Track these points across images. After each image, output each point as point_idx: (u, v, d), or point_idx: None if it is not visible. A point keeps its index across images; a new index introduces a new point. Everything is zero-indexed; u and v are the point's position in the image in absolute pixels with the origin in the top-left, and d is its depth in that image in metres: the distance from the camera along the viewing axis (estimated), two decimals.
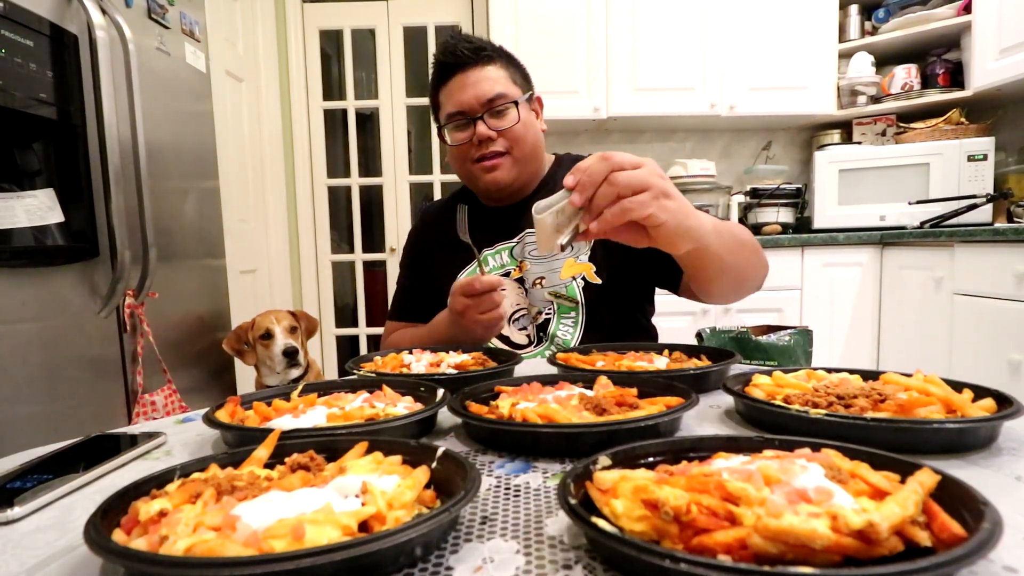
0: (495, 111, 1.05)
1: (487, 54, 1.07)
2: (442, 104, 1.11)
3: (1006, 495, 0.41)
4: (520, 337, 1.11)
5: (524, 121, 1.07)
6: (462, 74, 1.06)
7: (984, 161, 2.43)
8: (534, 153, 1.11)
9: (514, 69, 1.10)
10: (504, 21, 2.68)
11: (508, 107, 1.06)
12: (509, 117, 1.06)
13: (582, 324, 1.09)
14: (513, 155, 1.08)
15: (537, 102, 1.14)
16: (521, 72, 1.12)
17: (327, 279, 3.22)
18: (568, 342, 1.09)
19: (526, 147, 1.09)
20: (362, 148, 3.28)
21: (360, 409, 0.59)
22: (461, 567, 0.34)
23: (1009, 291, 1.83)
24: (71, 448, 0.58)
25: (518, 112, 1.06)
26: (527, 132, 1.08)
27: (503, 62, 1.09)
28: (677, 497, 0.32)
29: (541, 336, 1.11)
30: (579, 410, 0.56)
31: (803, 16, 2.74)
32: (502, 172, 1.08)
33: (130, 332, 1.50)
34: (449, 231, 1.14)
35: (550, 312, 1.10)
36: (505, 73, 1.08)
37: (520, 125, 1.07)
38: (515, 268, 1.12)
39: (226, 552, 0.31)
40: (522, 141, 1.08)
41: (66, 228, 1.30)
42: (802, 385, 0.61)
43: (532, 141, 1.10)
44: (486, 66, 1.06)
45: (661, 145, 3.17)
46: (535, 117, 1.13)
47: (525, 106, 1.08)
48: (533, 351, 1.11)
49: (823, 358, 2.44)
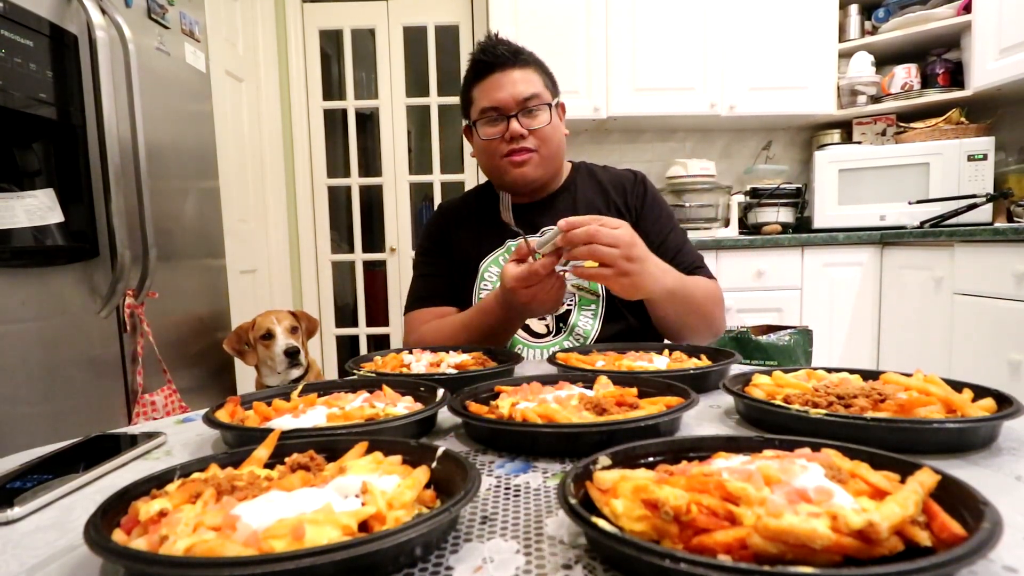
0: (528, 110, 1.11)
1: (524, 58, 1.13)
2: (475, 100, 1.15)
3: (1006, 495, 0.41)
4: (539, 327, 1.15)
5: (553, 123, 1.14)
6: (500, 73, 1.11)
7: (984, 161, 2.43)
8: (558, 154, 1.18)
9: (546, 76, 1.17)
10: (504, 21, 2.68)
11: (541, 108, 1.12)
12: (541, 118, 1.12)
13: (601, 316, 1.13)
14: (541, 153, 1.14)
15: (560, 108, 1.20)
16: (551, 79, 1.18)
17: (327, 279, 3.22)
18: (588, 333, 1.13)
19: (552, 147, 1.15)
20: (362, 148, 3.28)
21: (360, 409, 0.59)
22: (461, 567, 0.34)
23: (1009, 291, 1.83)
24: (71, 448, 0.58)
25: (550, 114, 1.13)
26: (555, 134, 1.15)
27: (537, 68, 1.15)
28: (677, 497, 0.32)
29: (560, 326, 1.15)
30: (579, 410, 0.56)
31: (803, 16, 2.74)
32: (530, 168, 1.14)
33: (130, 332, 1.50)
34: (472, 220, 1.22)
35: (571, 304, 1.14)
36: (539, 77, 1.14)
37: (550, 126, 1.13)
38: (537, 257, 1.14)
39: (226, 552, 0.31)
40: (550, 141, 1.14)
41: (66, 228, 1.30)
42: (802, 385, 0.61)
43: (558, 142, 1.16)
44: (523, 68, 1.12)
45: (661, 145, 3.17)
46: (560, 121, 1.19)
47: (555, 109, 1.15)
48: (551, 340, 1.14)
49: (823, 358, 2.44)
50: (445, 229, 1.26)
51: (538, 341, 1.15)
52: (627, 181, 1.23)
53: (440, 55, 3.09)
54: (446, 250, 1.24)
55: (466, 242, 1.22)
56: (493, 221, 1.17)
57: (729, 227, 2.78)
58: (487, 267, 1.18)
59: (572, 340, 1.13)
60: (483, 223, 1.22)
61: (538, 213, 1.18)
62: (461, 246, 1.22)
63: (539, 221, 1.17)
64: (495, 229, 1.18)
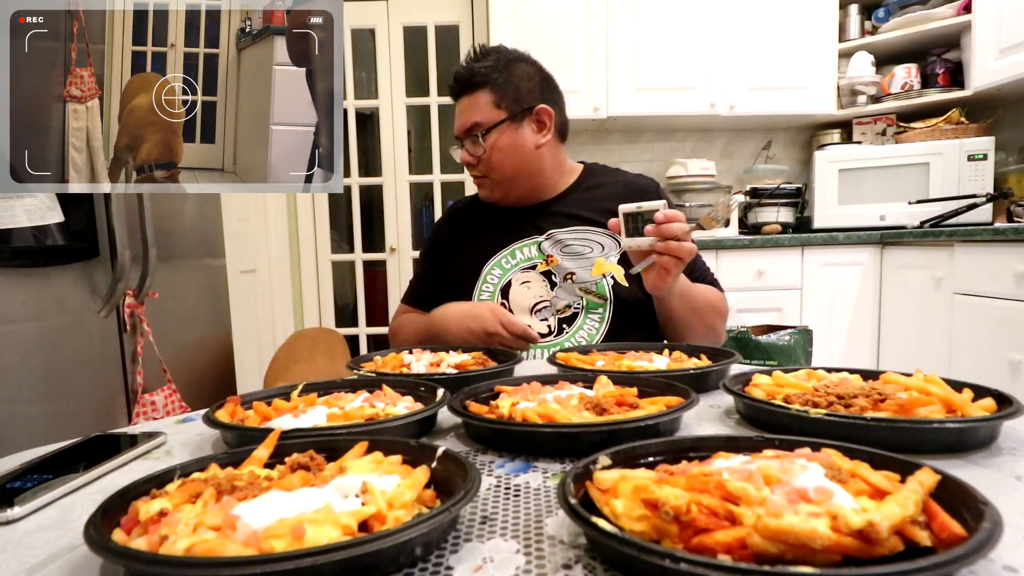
0: (471, 139, 1.14)
1: (476, 81, 1.13)
2: None
3: (1006, 495, 0.41)
4: (541, 327, 1.15)
5: (497, 147, 1.13)
6: (457, 102, 1.17)
7: (984, 161, 2.43)
8: (519, 171, 1.16)
9: (507, 89, 1.13)
10: (504, 21, 2.68)
11: (487, 134, 1.13)
12: (485, 143, 1.14)
13: (608, 320, 1.14)
14: (492, 177, 1.17)
15: (543, 114, 1.16)
16: (516, 89, 1.14)
17: (327, 279, 3.21)
18: (592, 337, 1.13)
19: (504, 170, 1.15)
20: (362, 148, 3.28)
21: (360, 409, 0.59)
22: (461, 567, 0.34)
23: (1009, 291, 1.82)
24: (71, 448, 0.58)
25: (489, 139, 1.13)
26: (503, 157, 1.14)
27: (494, 85, 1.13)
28: (677, 497, 0.32)
29: (563, 328, 1.15)
30: (579, 410, 0.56)
31: (803, 16, 2.74)
32: (485, 190, 1.21)
33: (130, 332, 1.50)
34: (477, 223, 1.24)
35: (579, 307, 1.14)
36: (492, 97, 1.13)
37: (494, 150, 1.13)
38: (542, 261, 1.16)
39: (226, 552, 0.31)
40: (497, 166, 1.15)
41: (66, 228, 1.30)
42: (802, 385, 0.61)
43: (513, 163, 1.15)
44: (475, 92, 1.13)
45: (661, 145, 3.16)
46: (528, 134, 1.15)
47: (505, 129, 1.13)
48: (552, 341, 1.15)
49: (823, 358, 2.44)
50: (448, 233, 1.28)
51: (540, 341, 1.15)
52: (650, 190, 1.22)
53: (440, 55, 3.09)
54: (443, 255, 1.26)
55: (469, 245, 1.23)
56: (497, 225, 1.20)
57: (729, 227, 2.78)
58: (489, 270, 1.19)
59: (574, 343, 1.14)
60: (487, 226, 1.23)
61: (544, 216, 1.20)
62: (464, 249, 1.23)
63: (547, 224, 1.18)
64: (498, 233, 1.20)
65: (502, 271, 1.18)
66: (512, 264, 1.17)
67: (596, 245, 1.15)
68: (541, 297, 1.16)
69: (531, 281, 1.15)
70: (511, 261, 1.18)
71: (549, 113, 1.17)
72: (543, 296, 1.16)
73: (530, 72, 1.17)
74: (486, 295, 1.17)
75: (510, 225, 1.20)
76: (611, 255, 1.14)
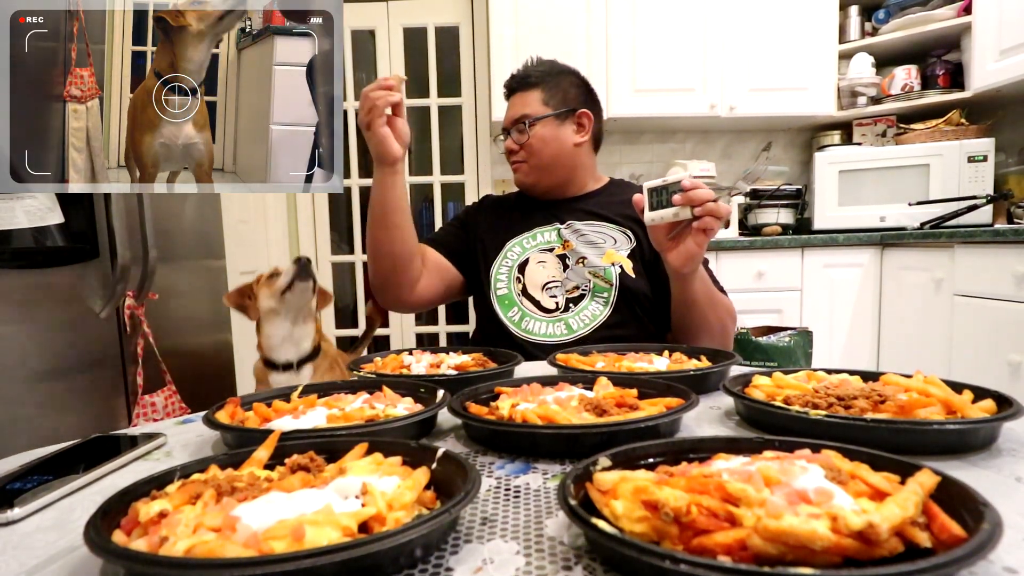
0: (518, 128, 1.28)
1: (533, 80, 1.29)
2: None
3: (1006, 496, 0.41)
4: (549, 303, 1.25)
5: (540, 136, 1.27)
6: (511, 97, 1.32)
7: (984, 162, 2.43)
8: (555, 162, 1.29)
9: (556, 91, 1.28)
10: (504, 22, 2.68)
11: (530, 125, 1.27)
12: (527, 133, 1.27)
13: (612, 304, 1.22)
14: (529, 162, 1.29)
15: (583, 117, 1.30)
16: (564, 92, 1.29)
17: (327, 280, 3.21)
18: (595, 317, 1.21)
19: (543, 157, 1.28)
20: (362, 148, 3.27)
21: (360, 410, 0.59)
22: (461, 568, 0.34)
23: (1009, 292, 1.83)
24: (71, 449, 0.58)
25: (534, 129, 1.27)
26: (543, 146, 1.28)
27: (545, 86, 1.28)
28: (677, 498, 0.32)
29: (569, 306, 1.24)
30: (579, 411, 0.56)
31: (803, 17, 2.74)
32: (521, 175, 1.33)
33: (130, 333, 1.50)
34: (507, 209, 1.38)
35: (586, 289, 1.24)
36: (542, 96, 1.28)
37: (536, 138, 1.27)
38: (560, 245, 1.28)
39: (226, 553, 0.31)
40: (537, 152, 1.28)
41: (66, 229, 1.30)
42: (802, 386, 0.61)
43: (551, 152, 1.28)
44: (528, 91, 1.29)
45: (661, 146, 3.16)
46: (569, 132, 1.29)
47: (549, 123, 1.27)
48: (558, 316, 1.23)
49: (823, 359, 2.44)
50: (483, 211, 1.41)
51: (547, 315, 1.23)
52: None
53: (440, 56, 3.09)
54: (474, 224, 1.38)
55: (497, 223, 1.35)
56: (524, 211, 1.34)
57: (729, 228, 2.78)
58: (511, 247, 1.30)
59: (579, 320, 1.21)
60: (517, 212, 1.35)
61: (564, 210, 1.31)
62: (492, 225, 1.35)
63: (567, 216, 1.30)
64: (524, 218, 1.32)
65: (522, 249, 1.30)
66: (532, 245, 1.30)
67: (610, 238, 1.26)
68: (553, 277, 1.27)
69: (547, 262, 1.27)
70: (531, 242, 1.31)
71: (589, 117, 1.31)
72: (555, 276, 1.27)
73: (577, 82, 1.32)
74: (504, 269, 1.29)
75: (536, 213, 1.33)
76: (623, 249, 1.25)
